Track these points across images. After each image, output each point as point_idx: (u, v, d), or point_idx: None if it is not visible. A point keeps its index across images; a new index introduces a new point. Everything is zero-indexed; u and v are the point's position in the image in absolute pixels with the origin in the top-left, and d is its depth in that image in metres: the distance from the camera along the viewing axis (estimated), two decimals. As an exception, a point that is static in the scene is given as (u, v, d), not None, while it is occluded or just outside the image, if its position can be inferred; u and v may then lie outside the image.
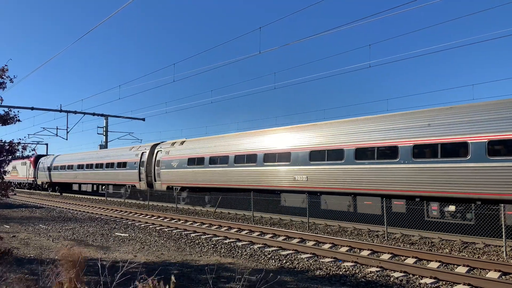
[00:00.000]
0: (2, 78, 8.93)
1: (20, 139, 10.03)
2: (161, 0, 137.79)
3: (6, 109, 9.58)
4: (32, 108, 36.66)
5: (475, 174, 12.04)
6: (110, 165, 31.69)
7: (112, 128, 45.30)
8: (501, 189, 11.52)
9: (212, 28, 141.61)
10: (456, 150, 12.45)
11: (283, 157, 17.87)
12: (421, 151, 13.24)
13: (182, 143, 25.62)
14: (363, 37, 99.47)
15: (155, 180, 26.71)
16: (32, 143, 48.38)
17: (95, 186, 35.37)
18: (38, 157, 46.73)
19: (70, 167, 38.33)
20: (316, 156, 16.49)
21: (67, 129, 39.93)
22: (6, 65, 9.04)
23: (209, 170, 21.99)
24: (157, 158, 26.54)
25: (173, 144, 26.20)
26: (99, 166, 33.31)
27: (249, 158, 19.49)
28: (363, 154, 14.95)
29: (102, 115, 41.89)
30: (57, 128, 42.77)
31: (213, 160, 21.83)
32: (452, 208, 12.72)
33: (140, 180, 27.89)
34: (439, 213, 12.93)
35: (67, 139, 41.51)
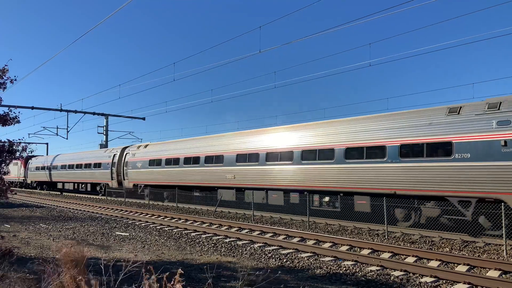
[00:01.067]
0: (3, 78, 8.93)
1: (20, 139, 10.02)
2: (161, 0, 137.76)
3: (6, 109, 9.58)
4: (32, 108, 36.69)
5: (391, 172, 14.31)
6: (88, 166, 35.58)
7: (112, 127, 45.34)
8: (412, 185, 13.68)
9: (212, 27, 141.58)
10: (377, 153, 14.77)
11: (218, 159, 21.65)
12: (351, 154, 15.62)
13: (145, 146, 29.38)
14: (363, 36, 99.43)
15: (124, 179, 30.34)
16: (32, 143, 48.71)
17: (76, 184, 40.50)
18: (28, 158, 48.54)
19: (55, 168, 41.97)
20: (240, 159, 20.38)
21: (67, 129, 40.00)
22: (6, 65, 9.04)
23: (165, 170, 25.76)
24: (126, 160, 30.24)
25: (138, 147, 30.06)
26: (79, 166, 37.35)
27: (195, 160, 23.34)
28: (271, 157, 18.79)
29: (102, 114, 41.91)
30: (57, 128, 42.86)
31: (168, 162, 25.59)
32: (326, 198, 16.71)
33: (112, 179, 31.67)
34: (318, 203, 16.85)
35: (67, 139, 41.62)
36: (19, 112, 9.73)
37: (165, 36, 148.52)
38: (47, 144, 64.95)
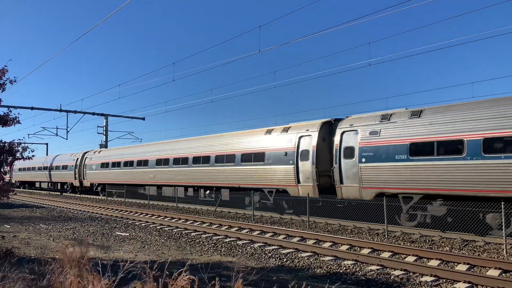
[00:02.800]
0: (2, 79, 8.94)
1: (20, 139, 10.02)
2: (160, 0, 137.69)
3: (6, 110, 9.59)
4: (32, 108, 36.69)
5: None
6: (58, 168, 41.66)
7: (112, 127, 45.36)
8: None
9: (212, 27, 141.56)
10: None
11: (145, 162, 28.09)
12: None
13: (99, 152, 35.98)
14: (363, 35, 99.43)
15: (83, 179, 36.76)
16: (32, 144, 49.10)
17: (43, 184, 47.14)
18: (13, 160, 51.09)
19: (33, 169, 47.64)
20: (160, 162, 26.52)
21: (67, 129, 40.03)
22: (6, 66, 9.05)
23: (112, 171, 32.30)
24: (85, 163, 36.56)
25: (94, 152, 36.47)
26: (52, 168, 42.99)
27: (130, 163, 29.97)
28: (176, 161, 25.07)
29: (102, 114, 41.89)
30: (57, 128, 42.89)
31: (113, 164, 32.20)
32: (207, 192, 22.67)
33: (75, 179, 38.05)
34: (208, 196, 22.74)
35: (67, 139, 41.70)
36: (18, 113, 9.74)
37: (165, 36, 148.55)
38: (47, 144, 64.97)
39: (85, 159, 36.38)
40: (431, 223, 13.27)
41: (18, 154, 9.82)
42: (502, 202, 10.69)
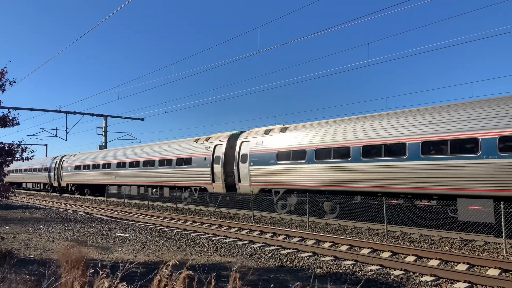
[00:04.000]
0: (1, 80, 8.93)
1: (20, 141, 10.01)
2: (159, 0, 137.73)
3: (5, 111, 9.58)
4: (31, 109, 36.68)
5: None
6: (41, 170, 45.36)
7: (111, 128, 45.55)
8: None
9: (211, 27, 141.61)
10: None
11: (108, 165, 32.36)
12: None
13: (74, 155, 40.61)
14: (362, 35, 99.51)
15: (61, 179, 41.01)
16: (32, 145, 49.25)
17: (29, 184, 53.31)
18: None
19: (20, 171, 50.83)
20: (119, 165, 31.03)
21: (66, 130, 40.01)
22: (5, 67, 9.04)
23: (83, 172, 36.59)
24: (62, 165, 40.84)
25: (70, 156, 41.17)
26: (32, 170, 47.76)
27: (97, 166, 34.35)
28: (129, 164, 30.05)
29: (101, 115, 41.90)
30: (56, 129, 42.88)
31: (85, 167, 36.49)
32: (154, 190, 27.24)
33: (54, 180, 42.58)
34: (154, 193, 27.17)
35: (66, 140, 41.72)
36: (18, 114, 9.73)
37: (164, 37, 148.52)
38: (46, 145, 64.94)
39: (62, 162, 40.91)
40: (294, 210, 18.00)
41: (17, 155, 9.79)
42: (502, 202, 10.70)
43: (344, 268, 8.94)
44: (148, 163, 27.44)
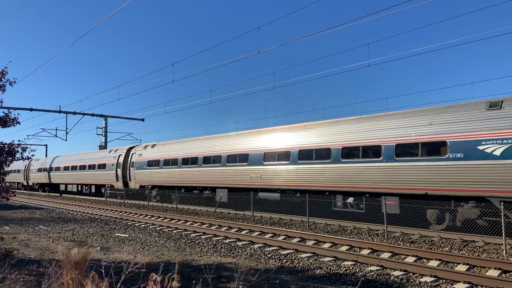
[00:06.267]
0: (1, 81, 8.94)
1: (20, 140, 10.02)
2: (159, 0, 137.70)
3: (6, 111, 9.59)
4: (31, 109, 36.66)
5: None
6: (15, 171, 51.04)
7: (111, 128, 45.64)
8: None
9: (211, 28, 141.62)
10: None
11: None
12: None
13: (37, 160, 48.08)
14: (362, 36, 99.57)
15: (29, 180, 50.01)
16: (32, 145, 49.39)
17: (11, 184, 59.80)
18: None
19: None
20: (67, 168, 39.50)
21: (66, 130, 40.01)
22: (6, 68, 9.05)
23: (46, 174, 44.02)
24: (30, 168, 49.21)
25: (36, 160, 47.93)
26: (14, 171, 51.85)
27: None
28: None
29: (101, 115, 41.90)
30: (56, 129, 42.88)
31: (51, 169, 43.32)
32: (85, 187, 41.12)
33: (24, 180, 50.87)
34: (85, 190, 42.35)
35: (66, 140, 41.76)
36: (18, 114, 9.74)
37: (164, 37, 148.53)
38: (46, 145, 64.95)
39: (30, 164, 48.93)
40: (160, 199, 26.66)
41: (18, 155, 9.81)
42: (502, 203, 10.71)
43: (344, 269, 8.94)
44: (83, 167, 36.76)
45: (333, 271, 8.73)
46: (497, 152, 11.64)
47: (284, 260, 9.87)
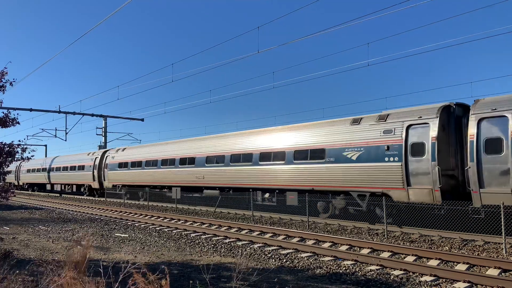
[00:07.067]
0: (1, 81, 8.93)
1: (20, 140, 10.02)
2: (159, 0, 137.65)
3: (5, 111, 9.58)
4: (31, 110, 36.66)
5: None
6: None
7: (111, 128, 45.64)
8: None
9: (211, 28, 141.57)
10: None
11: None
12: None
13: (28, 159, 47.99)
14: (361, 35, 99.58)
15: (19, 180, 52.78)
16: (31, 145, 49.39)
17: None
18: None
19: None
20: (52, 169, 43.17)
21: (66, 130, 40.03)
22: (5, 68, 9.04)
23: (32, 174, 48.28)
24: (20, 168, 51.84)
25: (23, 160, 47.32)
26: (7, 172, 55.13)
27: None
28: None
29: (101, 116, 41.89)
30: (56, 129, 42.90)
31: (33, 170, 47.67)
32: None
33: (15, 179, 52.85)
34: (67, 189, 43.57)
35: (66, 140, 41.81)
36: (17, 114, 9.74)
37: (164, 37, 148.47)
38: (45, 146, 64.99)
39: (20, 166, 51.79)
40: (130, 197, 29.27)
41: (17, 155, 9.80)
42: (502, 202, 10.72)
43: (344, 268, 8.94)
44: (65, 168, 40.14)
45: (333, 271, 8.74)
46: (354, 157, 15.07)
47: (284, 260, 9.87)
